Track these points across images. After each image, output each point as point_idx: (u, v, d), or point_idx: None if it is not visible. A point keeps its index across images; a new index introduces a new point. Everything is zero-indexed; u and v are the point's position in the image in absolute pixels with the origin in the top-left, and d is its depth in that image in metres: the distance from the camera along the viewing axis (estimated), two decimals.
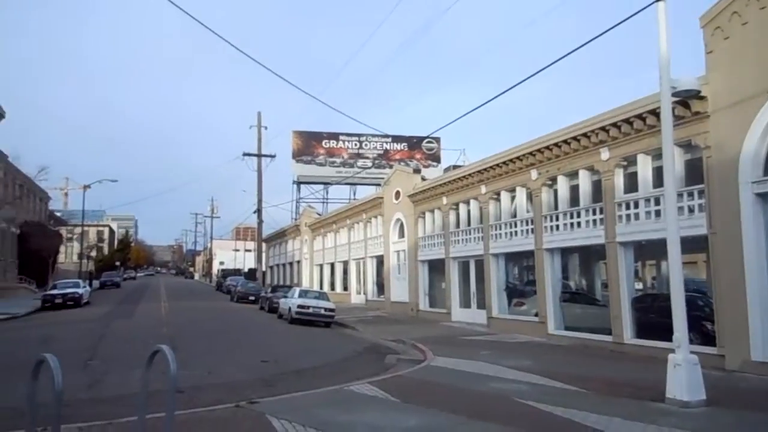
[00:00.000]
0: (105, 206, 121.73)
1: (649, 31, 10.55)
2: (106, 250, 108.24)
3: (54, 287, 35.76)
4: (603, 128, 16.36)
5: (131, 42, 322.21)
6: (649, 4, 9.84)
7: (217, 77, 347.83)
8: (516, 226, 21.30)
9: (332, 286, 42.13)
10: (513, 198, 21.86)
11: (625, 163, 16.31)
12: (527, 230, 20.50)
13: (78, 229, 70.50)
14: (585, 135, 17.15)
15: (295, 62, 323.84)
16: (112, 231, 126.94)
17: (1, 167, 42.84)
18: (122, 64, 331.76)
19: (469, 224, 24.67)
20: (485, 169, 22.68)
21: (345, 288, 40.39)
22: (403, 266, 30.72)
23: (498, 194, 22.48)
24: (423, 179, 30.12)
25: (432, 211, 27.95)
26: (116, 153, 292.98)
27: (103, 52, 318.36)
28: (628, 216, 16.02)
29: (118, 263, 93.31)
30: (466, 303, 24.74)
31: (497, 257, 22.47)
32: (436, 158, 55.47)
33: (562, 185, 18.94)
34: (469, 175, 23.95)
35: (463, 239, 24.90)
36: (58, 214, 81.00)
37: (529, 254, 20.89)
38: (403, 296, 29.95)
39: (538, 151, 19.33)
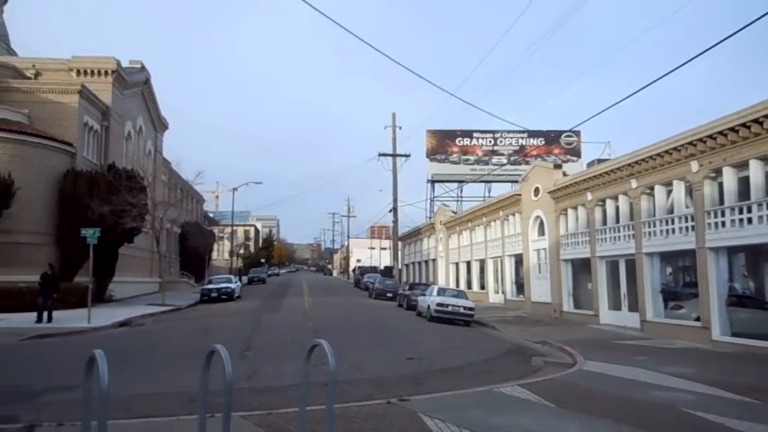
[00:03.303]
0: (250, 207, 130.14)
1: None
2: (252, 248, 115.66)
3: (210, 282, 38.55)
4: None
5: (275, 50, 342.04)
6: None
7: (354, 80, 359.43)
8: (673, 222, 19.66)
9: (469, 285, 41.64)
10: (669, 192, 20.21)
11: None
12: (686, 227, 18.85)
13: (228, 229, 75.88)
14: (756, 121, 15.40)
15: (430, 60, 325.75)
16: (257, 230, 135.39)
17: (166, 173, 47.04)
18: (267, 71, 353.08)
19: (617, 221, 23.18)
20: (636, 162, 21.20)
21: (482, 287, 39.75)
22: (544, 265, 29.61)
23: (651, 188, 20.91)
24: (564, 175, 28.81)
25: (575, 208, 26.65)
26: (261, 157, 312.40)
27: (250, 60, 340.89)
28: None
29: (263, 260, 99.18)
30: (615, 305, 23.28)
31: (651, 256, 20.88)
32: (576, 153, 53.06)
33: (729, 177, 17.15)
34: (618, 168, 22.51)
35: (611, 237, 23.46)
36: (211, 214, 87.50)
37: (689, 253, 19.19)
38: (544, 296, 28.86)
39: (699, 140, 17.68)
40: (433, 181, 55.79)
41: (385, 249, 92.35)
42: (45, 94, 30.61)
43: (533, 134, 54.54)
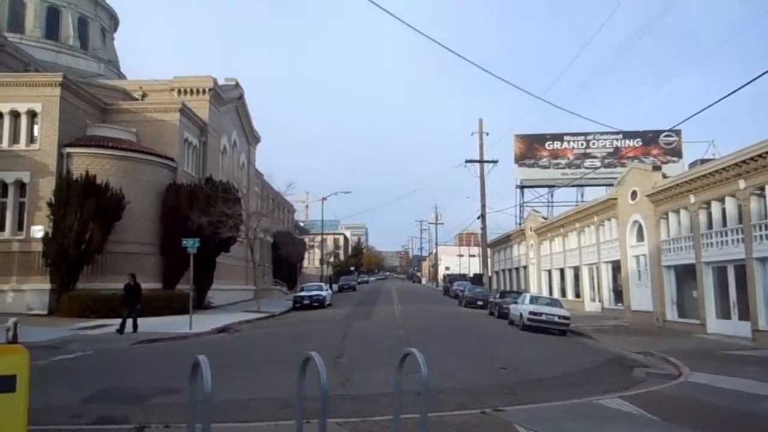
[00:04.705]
0: (339, 216, 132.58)
1: None
2: (341, 256, 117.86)
3: (302, 290, 39.54)
4: None
5: (361, 62, 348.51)
6: None
7: (440, 87, 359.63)
8: None
9: (563, 293, 40.32)
10: None
11: None
12: None
13: (318, 237, 77.68)
14: None
15: (517, 64, 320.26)
16: (346, 239, 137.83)
17: (259, 184, 48.85)
18: (355, 82, 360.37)
19: (724, 225, 21.73)
20: (744, 161, 19.82)
21: (577, 295, 38.38)
22: (644, 272, 28.18)
23: (761, 189, 19.47)
24: (664, 176, 27.36)
25: (677, 212, 25.23)
26: (349, 166, 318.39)
27: (337, 73, 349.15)
28: None
29: (352, 268, 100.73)
30: (724, 313, 21.79)
31: (763, 261, 19.40)
32: (677, 153, 50.34)
33: None
34: (723, 168, 21.12)
35: (717, 242, 22.02)
36: (301, 224, 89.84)
37: None
38: (645, 305, 27.43)
39: None
40: (522, 187, 54.71)
41: (473, 256, 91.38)
42: (150, 113, 32.66)
43: (629, 135, 52.37)
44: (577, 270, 38.60)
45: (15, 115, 27.95)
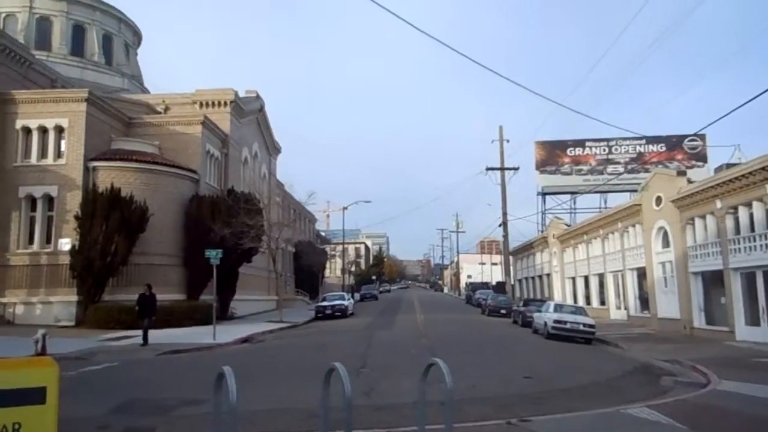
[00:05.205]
0: (360, 225, 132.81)
1: None
2: (363, 266, 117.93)
3: (324, 299, 39.62)
4: None
5: (381, 71, 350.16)
6: None
7: (460, 94, 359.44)
8: None
9: (587, 301, 39.83)
10: None
11: None
12: None
13: (339, 247, 77.85)
14: None
15: (537, 70, 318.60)
16: (367, 248, 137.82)
17: (280, 195, 49.17)
18: (375, 92, 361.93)
19: (752, 230, 21.32)
20: None
21: (602, 303, 37.88)
22: (671, 279, 27.72)
23: None
24: (689, 181, 26.94)
25: (703, 217, 24.81)
26: (370, 175, 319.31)
27: (358, 83, 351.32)
28: None
29: (374, 277, 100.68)
30: (753, 320, 21.33)
31: None
32: (702, 158, 49.68)
33: None
34: (750, 173, 20.74)
35: (745, 247, 21.59)
36: (322, 233, 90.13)
37: None
38: (672, 312, 26.96)
39: None
40: (543, 194, 54.35)
41: (495, 264, 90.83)
42: (173, 126, 33.12)
43: (652, 140, 51.79)
44: (601, 277, 38.14)
45: (43, 130, 28.55)
